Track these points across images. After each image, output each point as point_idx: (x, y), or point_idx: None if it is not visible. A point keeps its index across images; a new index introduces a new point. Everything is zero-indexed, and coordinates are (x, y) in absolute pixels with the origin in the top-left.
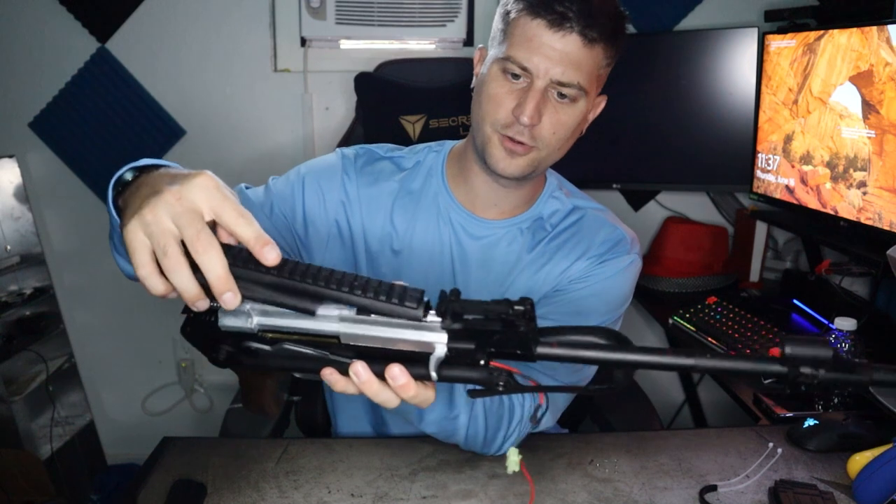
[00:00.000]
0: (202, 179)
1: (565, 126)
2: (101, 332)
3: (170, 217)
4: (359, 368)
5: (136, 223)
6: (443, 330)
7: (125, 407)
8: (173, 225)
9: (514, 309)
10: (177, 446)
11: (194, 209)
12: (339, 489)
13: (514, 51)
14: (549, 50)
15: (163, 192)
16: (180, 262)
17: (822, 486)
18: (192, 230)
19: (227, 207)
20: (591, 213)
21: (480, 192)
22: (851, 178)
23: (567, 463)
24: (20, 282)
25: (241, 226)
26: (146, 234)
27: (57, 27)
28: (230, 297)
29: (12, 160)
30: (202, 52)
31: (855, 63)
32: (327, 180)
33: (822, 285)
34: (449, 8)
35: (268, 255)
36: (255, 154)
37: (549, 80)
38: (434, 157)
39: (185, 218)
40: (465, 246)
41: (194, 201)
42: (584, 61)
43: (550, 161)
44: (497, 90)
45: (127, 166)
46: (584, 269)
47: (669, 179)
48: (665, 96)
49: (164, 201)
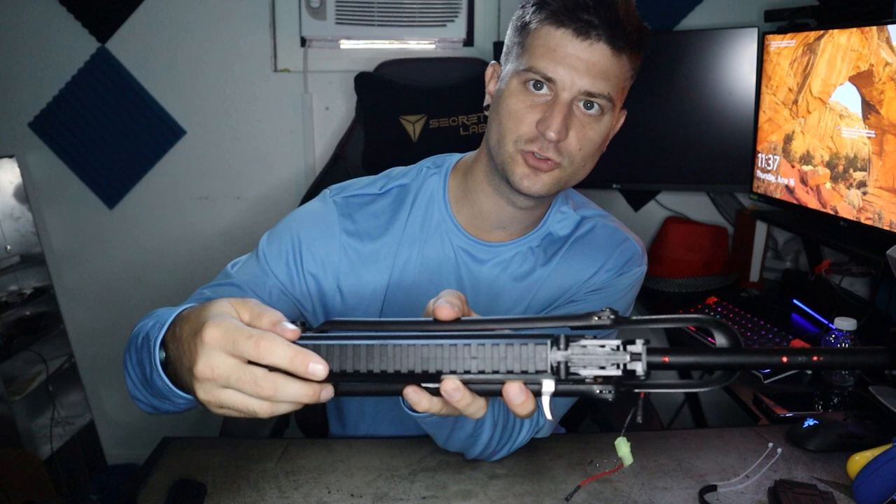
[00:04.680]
0: (207, 335)
1: (591, 142)
2: (101, 332)
3: (221, 351)
4: (450, 388)
5: (206, 386)
6: (553, 378)
7: (125, 407)
8: (230, 356)
9: (632, 355)
10: (177, 446)
11: (229, 330)
12: (338, 489)
13: (536, 61)
14: (576, 60)
15: (193, 342)
16: (272, 379)
17: (822, 486)
18: (245, 344)
19: (243, 347)
20: (601, 223)
21: (489, 215)
22: (851, 178)
23: (567, 463)
24: (20, 282)
25: (268, 357)
26: (224, 386)
27: (57, 27)
28: (319, 368)
29: (12, 160)
30: (202, 52)
31: (855, 63)
32: (324, 246)
33: (822, 285)
34: (449, 8)
35: (314, 372)
36: (255, 154)
37: (576, 92)
38: (435, 181)
39: (231, 339)
40: (475, 271)
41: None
42: (613, 71)
43: (574, 180)
44: (518, 105)
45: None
46: (602, 282)
47: (669, 179)
48: (665, 96)
49: (201, 347)
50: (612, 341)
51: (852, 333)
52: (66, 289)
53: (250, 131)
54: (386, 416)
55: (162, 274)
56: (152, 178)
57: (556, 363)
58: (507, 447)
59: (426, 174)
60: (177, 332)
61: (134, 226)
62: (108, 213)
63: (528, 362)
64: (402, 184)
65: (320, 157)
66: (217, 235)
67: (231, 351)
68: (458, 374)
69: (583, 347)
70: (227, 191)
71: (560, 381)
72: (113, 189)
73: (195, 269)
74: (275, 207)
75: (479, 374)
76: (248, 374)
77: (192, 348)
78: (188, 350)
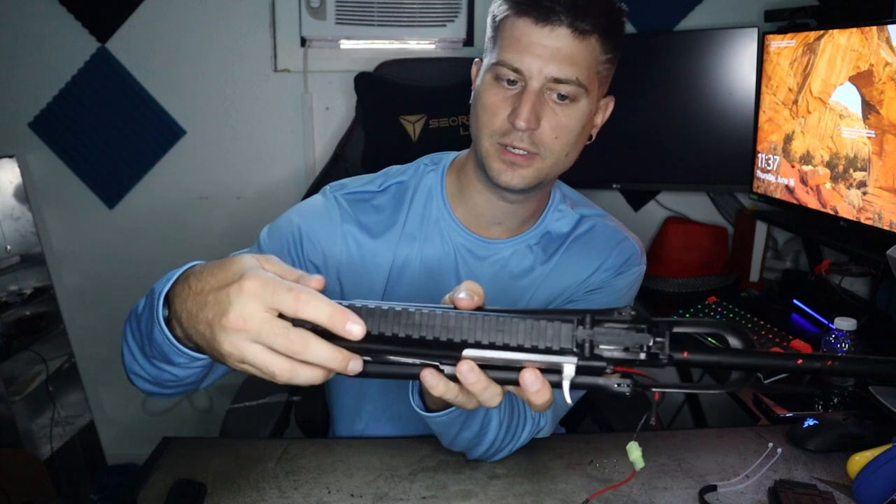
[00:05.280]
0: (247, 285)
1: (568, 129)
2: (101, 332)
3: (258, 302)
4: (464, 368)
5: (233, 338)
6: (574, 356)
7: (125, 407)
8: (264, 309)
9: (655, 341)
10: (177, 446)
11: (269, 282)
12: (338, 489)
13: (503, 54)
14: (540, 48)
15: (224, 293)
16: (304, 336)
17: (822, 486)
18: (284, 296)
19: (282, 300)
20: (601, 223)
21: (483, 211)
22: (851, 178)
23: (567, 463)
24: (20, 282)
25: (307, 310)
26: (253, 340)
27: (57, 27)
28: (357, 328)
29: (12, 160)
30: (202, 51)
31: (855, 63)
32: (325, 239)
33: (822, 285)
34: (449, 8)
35: (351, 330)
36: (255, 154)
37: (543, 80)
38: (433, 177)
39: (270, 291)
40: (474, 269)
41: (252, 296)
42: (579, 55)
43: (557, 170)
44: (491, 99)
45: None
46: (601, 281)
47: (669, 179)
48: (665, 96)
49: (236, 297)
50: (637, 325)
51: (852, 333)
52: (66, 289)
53: (250, 131)
54: (383, 416)
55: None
56: (152, 178)
57: (581, 340)
58: (509, 447)
59: (424, 171)
60: (192, 287)
61: (134, 226)
62: (108, 213)
63: (554, 339)
64: (400, 181)
65: (320, 157)
66: (217, 235)
67: (268, 303)
68: (482, 345)
69: (608, 328)
70: (227, 191)
71: (583, 359)
72: (113, 189)
73: None
74: (275, 207)
75: (503, 350)
76: (281, 326)
77: (220, 299)
78: (213, 301)
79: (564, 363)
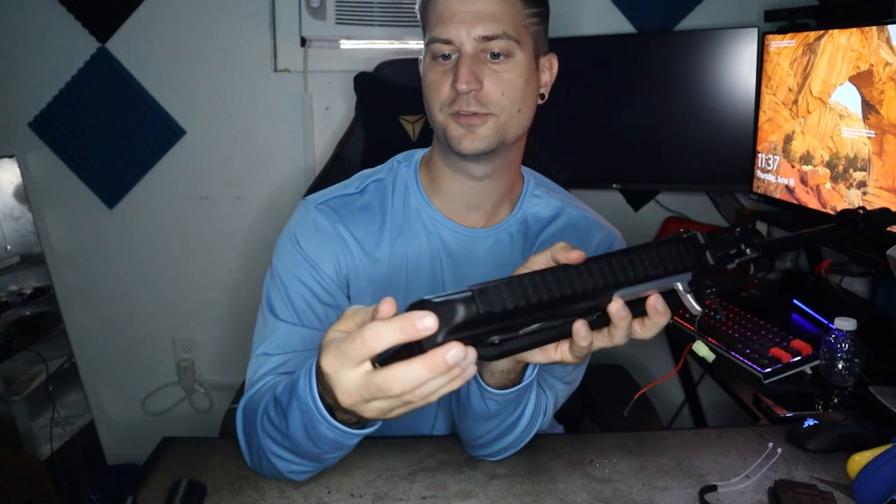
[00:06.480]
0: (324, 366)
1: (512, 84)
2: (101, 332)
3: (344, 371)
4: (616, 307)
5: (359, 408)
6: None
7: (125, 407)
8: (352, 370)
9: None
10: (177, 446)
11: (334, 348)
12: (339, 489)
13: (432, 31)
14: (462, 14)
15: (323, 381)
16: (388, 377)
17: (822, 486)
18: (353, 348)
19: (354, 352)
20: (579, 212)
21: (457, 196)
22: (851, 178)
23: (567, 463)
24: (20, 282)
25: (379, 344)
26: (369, 400)
27: (57, 27)
28: (428, 321)
29: (12, 160)
30: (202, 51)
31: (855, 63)
32: (326, 252)
33: (822, 285)
34: None
35: (426, 326)
36: (256, 154)
37: (474, 42)
38: (407, 172)
39: (341, 354)
40: (456, 257)
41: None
42: (501, 11)
43: (515, 128)
44: (433, 76)
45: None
46: None
47: (669, 179)
48: (665, 96)
49: (329, 380)
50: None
51: (852, 333)
52: (66, 289)
53: (250, 131)
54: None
55: (162, 274)
56: (152, 178)
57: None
58: (521, 444)
59: (398, 167)
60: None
61: (134, 226)
62: (108, 213)
63: (684, 257)
64: (377, 178)
65: (320, 157)
66: (217, 235)
67: (353, 365)
68: (630, 282)
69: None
70: (227, 191)
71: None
72: (113, 189)
73: (195, 269)
74: (275, 207)
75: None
76: (373, 385)
77: (326, 387)
78: (327, 390)
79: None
